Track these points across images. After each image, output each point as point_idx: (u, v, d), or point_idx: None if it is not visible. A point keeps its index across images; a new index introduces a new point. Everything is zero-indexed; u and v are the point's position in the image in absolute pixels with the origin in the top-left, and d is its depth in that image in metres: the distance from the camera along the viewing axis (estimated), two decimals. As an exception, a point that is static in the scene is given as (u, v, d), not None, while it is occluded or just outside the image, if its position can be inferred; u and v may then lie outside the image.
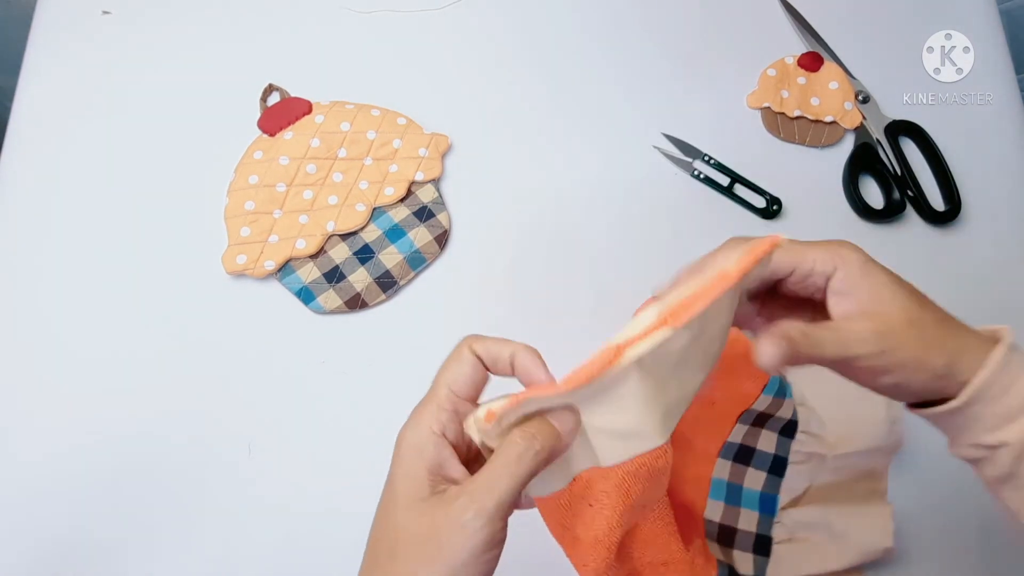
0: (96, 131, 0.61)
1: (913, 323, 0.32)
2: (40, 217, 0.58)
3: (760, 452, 0.51)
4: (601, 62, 0.65)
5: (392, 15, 0.66)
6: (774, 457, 0.50)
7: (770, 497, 0.50)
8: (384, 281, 0.55)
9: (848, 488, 0.50)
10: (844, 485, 0.50)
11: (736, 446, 0.51)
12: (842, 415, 0.50)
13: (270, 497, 0.50)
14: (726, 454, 0.51)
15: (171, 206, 0.58)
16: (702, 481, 0.50)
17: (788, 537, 0.49)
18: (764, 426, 0.51)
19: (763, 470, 0.50)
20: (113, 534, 0.49)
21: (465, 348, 0.31)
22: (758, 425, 0.51)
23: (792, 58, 0.64)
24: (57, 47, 0.64)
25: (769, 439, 0.51)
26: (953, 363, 0.32)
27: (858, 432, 0.49)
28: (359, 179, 0.58)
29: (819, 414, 0.50)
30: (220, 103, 0.62)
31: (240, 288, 0.56)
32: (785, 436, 0.51)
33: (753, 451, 0.51)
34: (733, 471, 0.51)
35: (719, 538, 0.49)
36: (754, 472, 0.50)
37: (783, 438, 0.50)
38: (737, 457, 0.51)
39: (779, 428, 0.50)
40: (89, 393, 0.53)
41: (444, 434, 0.30)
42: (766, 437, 0.51)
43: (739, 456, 0.51)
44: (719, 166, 0.61)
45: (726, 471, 0.51)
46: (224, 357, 0.54)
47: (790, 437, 0.50)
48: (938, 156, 0.60)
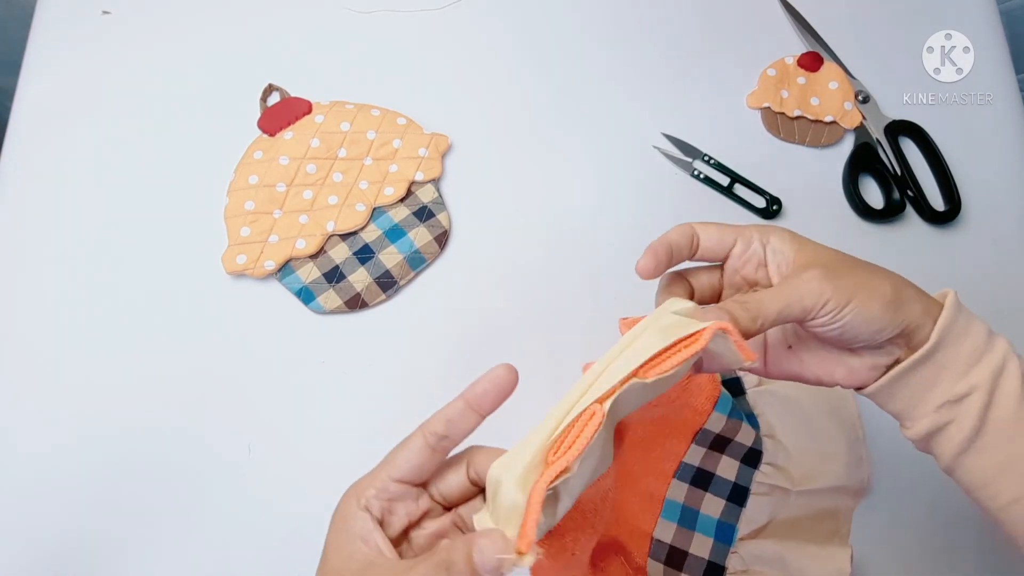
0: (96, 131, 0.61)
1: (849, 261, 0.35)
2: (40, 217, 0.58)
3: (719, 478, 0.50)
4: (601, 62, 0.65)
5: (392, 15, 0.66)
6: (734, 485, 0.49)
7: (728, 526, 0.49)
8: (384, 281, 0.56)
9: (810, 527, 0.49)
10: (806, 523, 0.49)
11: (693, 469, 0.50)
12: (810, 450, 0.49)
13: (270, 497, 0.50)
14: (682, 476, 0.50)
15: (171, 206, 0.58)
16: (654, 499, 0.49)
17: (743, 569, 0.48)
18: (724, 451, 0.50)
19: (722, 497, 0.49)
20: (112, 534, 0.49)
21: (418, 439, 0.32)
22: (717, 449, 0.50)
23: (792, 58, 0.64)
24: (57, 47, 0.64)
25: (730, 466, 0.50)
26: (899, 294, 0.34)
27: (825, 469, 0.49)
28: (359, 179, 0.58)
29: (786, 447, 0.50)
30: (220, 103, 0.62)
31: (240, 288, 0.56)
32: (747, 465, 0.50)
33: (712, 476, 0.50)
34: (690, 495, 0.49)
35: (667, 560, 0.48)
36: (712, 498, 0.49)
37: (745, 466, 0.50)
38: (695, 481, 0.49)
39: (741, 455, 0.50)
40: (89, 393, 0.53)
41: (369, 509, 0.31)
42: (726, 463, 0.50)
43: (696, 480, 0.50)
44: (719, 166, 0.61)
45: (682, 494, 0.49)
46: (224, 357, 0.54)
47: (753, 467, 0.50)
48: (938, 156, 0.60)
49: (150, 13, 0.65)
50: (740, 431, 0.49)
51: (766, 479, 0.49)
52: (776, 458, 0.50)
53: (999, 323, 0.55)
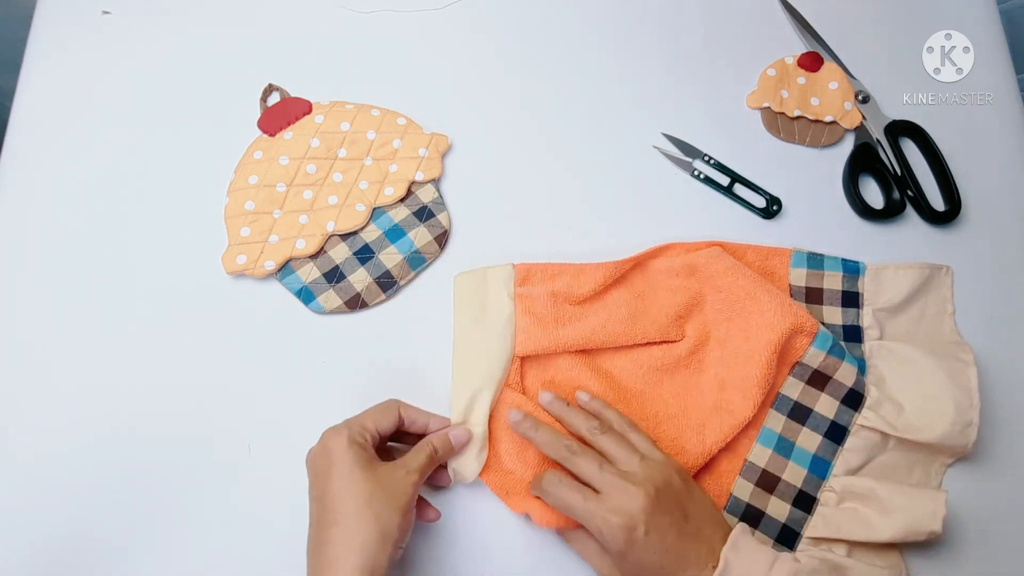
0: (96, 131, 0.61)
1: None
2: (40, 217, 0.58)
3: (817, 414, 0.51)
4: (601, 62, 0.65)
5: (392, 15, 0.66)
6: (832, 423, 0.51)
7: (823, 461, 0.51)
8: (384, 281, 0.56)
9: (903, 474, 0.51)
10: (900, 470, 0.51)
11: (791, 402, 0.52)
12: (917, 406, 0.50)
13: (270, 497, 0.50)
14: (780, 407, 0.52)
15: (171, 206, 0.58)
16: (751, 425, 0.51)
17: (836, 502, 0.49)
18: (823, 389, 0.51)
19: (819, 433, 0.51)
20: (111, 535, 0.49)
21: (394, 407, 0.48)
22: (816, 386, 0.52)
23: (792, 58, 0.64)
24: (57, 47, 0.64)
25: (829, 404, 0.51)
26: None
27: (929, 425, 0.49)
28: (359, 179, 0.58)
29: (895, 399, 0.51)
30: (220, 103, 0.62)
31: (240, 288, 0.56)
32: (847, 406, 0.51)
33: (810, 412, 0.51)
34: (787, 426, 0.51)
35: (759, 482, 0.50)
36: (809, 433, 0.51)
37: (844, 407, 0.51)
38: (792, 414, 0.52)
39: (841, 396, 0.51)
40: (88, 393, 0.53)
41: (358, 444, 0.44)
42: (825, 402, 0.51)
43: (794, 413, 0.52)
44: (719, 166, 0.61)
45: (779, 424, 0.51)
46: (224, 357, 0.54)
47: (853, 408, 0.51)
48: (938, 156, 0.60)
49: (150, 13, 0.65)
50: (839, 369, 0.51)
51: (867, 423, 0.51)
52: (880, 407, 0.51)
53: (999, 323, 0.56)
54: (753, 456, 0.51)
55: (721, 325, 0.53)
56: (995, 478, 0.51)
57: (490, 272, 0.55)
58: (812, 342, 0.51)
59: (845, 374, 0.51)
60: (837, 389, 0.51)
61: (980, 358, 0.52)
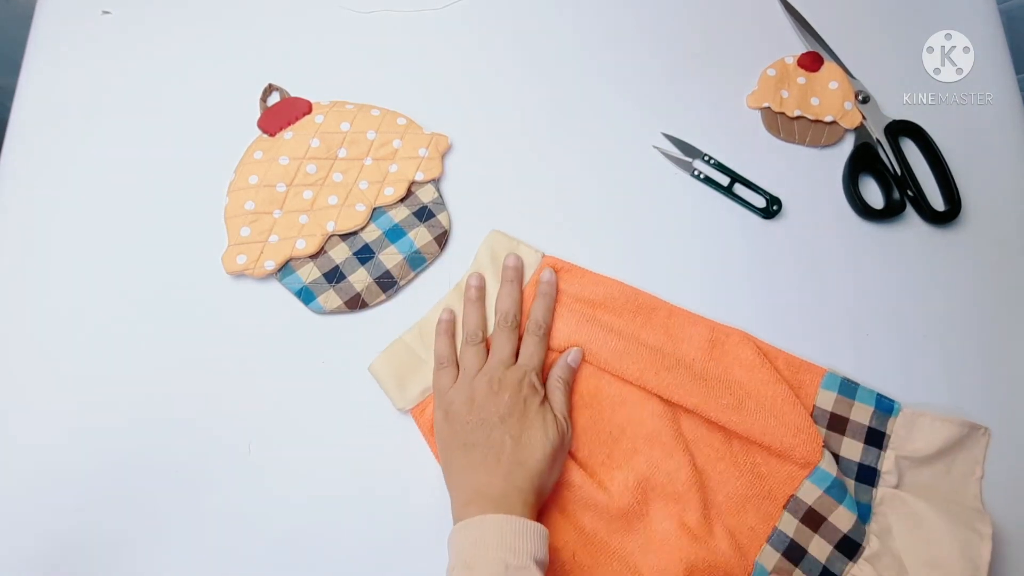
0: (96, 131, 0.61)
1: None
2: (40, 217, 0.58)
3: (811, 557, 0.49)
4: (601, 62, 0.65)
5: (391, 15, 0.66)
6: (823, 569, 0.48)
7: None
8: (384, 281, 0.56)
9: None
10: None
11: (787, 540, 0.49)
12: (919, 569, 0.47)
13: (269, 496, 0.50)
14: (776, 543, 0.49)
15: (171, 206, 0.58)
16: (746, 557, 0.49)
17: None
18: (817, 531, 0.49)
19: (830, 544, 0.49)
20: (112, 534, 0.49)
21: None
22: (809, 526, 0.49)
23: (792, 58, 0.64)
24: (57, 47, 0.64)
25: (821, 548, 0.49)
26: None
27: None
28: (359, 179, 0.58)
29: (899, 556, 0.47)
30: (220, 103, 0.62)
31: (240, 288, 0.56)
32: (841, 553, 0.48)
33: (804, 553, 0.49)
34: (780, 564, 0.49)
35: None
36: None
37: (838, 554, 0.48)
38: (787, 553, 0.49)
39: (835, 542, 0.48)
40: (88, 393, 0.53)
41: None
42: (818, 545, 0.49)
43: (789, 553, 0.49)
44: (719, 166, 0.61)
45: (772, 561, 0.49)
46: (224, 357, 0.54)
47: (847, 557, 0.48)
48: (938, 156, 0.60)
49: (150, 13, 0.65)
50: (835, 512, 0.48)
51: (861, 574, 0.48)
52: (879, 560, 0.48)
53: (998, 323, 0.56)
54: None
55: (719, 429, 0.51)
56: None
57: (523, 247, 0.57)
58: (809, 475, 0.49)
59: (841, 518, 0.48)
60: (831, 533, 0.48)
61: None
